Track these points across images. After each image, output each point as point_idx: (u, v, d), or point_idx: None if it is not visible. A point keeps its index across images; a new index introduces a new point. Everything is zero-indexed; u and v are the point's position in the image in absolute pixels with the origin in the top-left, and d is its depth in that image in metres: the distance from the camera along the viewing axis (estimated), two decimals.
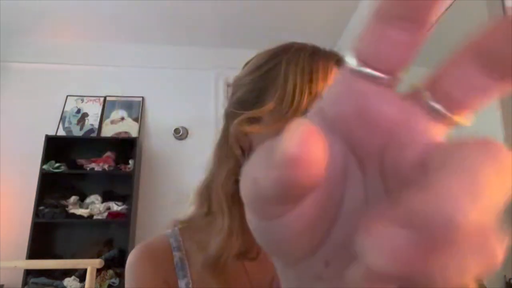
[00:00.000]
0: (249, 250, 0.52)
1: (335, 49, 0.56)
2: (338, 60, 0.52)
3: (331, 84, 0.16)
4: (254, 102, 0.52)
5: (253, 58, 0.58)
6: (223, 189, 0.53)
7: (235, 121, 0.53)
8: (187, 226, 0.60)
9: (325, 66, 0.49)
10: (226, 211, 0.52)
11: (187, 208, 0.60)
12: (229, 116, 0.56)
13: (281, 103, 0.49)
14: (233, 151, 0.54)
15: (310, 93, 0.47)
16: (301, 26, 2.84)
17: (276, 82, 0.50)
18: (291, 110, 0.48)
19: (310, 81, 0.48)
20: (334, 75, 0.50)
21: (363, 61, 0.14)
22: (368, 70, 0.14)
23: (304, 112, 0.48)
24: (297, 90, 0.48)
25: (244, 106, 0.53)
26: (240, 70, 0.59)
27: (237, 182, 0.52)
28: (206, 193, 0.58)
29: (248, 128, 0.52)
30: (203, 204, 0.58)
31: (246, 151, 0.54)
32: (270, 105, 0.50)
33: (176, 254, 0.57)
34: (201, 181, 0.59)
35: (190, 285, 0.54)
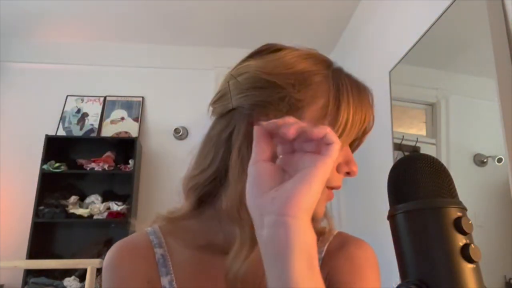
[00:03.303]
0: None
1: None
2: (371, 95, 0.56)
3: None
4: (285, 111, 0.50)
5: (276, 53, 0.55)
6: (241, 199, 0.47)
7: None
8: (168, 223, 0.58)
9: (371, 106, 0.54)
10: (242, 224, 0.49)
11: (177, 203, 0.58)
12: (246, 116, 0.51)
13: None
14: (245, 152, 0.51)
15: (360, 130, 0.52)
16: (301, 26, 2.84)
17: (318, 101, 0.50)
18: (341, 143, 0.49)
19: (363, 120, 0.52)
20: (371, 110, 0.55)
21: None
22: None
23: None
24: (349, 124, 0.50)
25: (271, 111, 0.50)
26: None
27: None
28: (197, 188, 0.56)
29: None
30: (192, 200, 0.56)
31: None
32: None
33: (158, 251, 0.55)
34: (189, 176, 0.57)
35: (174, 283, 0.53)
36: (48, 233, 2.79)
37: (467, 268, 0.30)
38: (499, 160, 1.24)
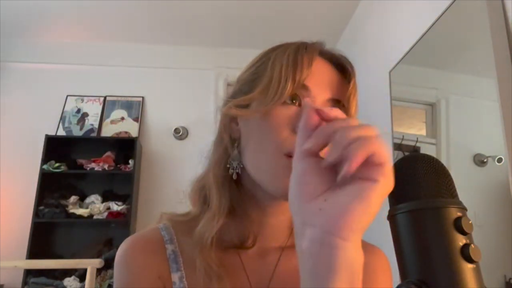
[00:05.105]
0: (244, 239, 0.55)
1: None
2: (321, 51, 0.55)
3: None
4: (245, 92, 0.55)
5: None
6: (213, 175, 0.55)
7: (224, 107, 0.57)
8: (179, 221, 0.60)
9: (309, 57, 0.52)
10: (215, 194, 0.54)
11: (185, 204, 0.61)
12: (222, 108, 0.59)
13: (267, 90, 0.51)
14: (222, 138, 0.57)
15: (293, 80, 0.50)
16: (301, 26, 2.84)
17: (264, 73, 0.54)
18: (276, 96, 0.50)
19: (294, 70, 0.51)
20: (317, 64, 0.54)
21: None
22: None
23: (288, 98, 0.51)
24: (282, 78, 0.51)
25: (235, 97, 0.57)
26: (241, 70, 0.61)
27: (226, 168, 0.55)
28: (202, 188, 0.58)
29: (235, 111, 0.54)
30: (200, 199, 0.58)
31: (236, 140, 0.56)
32: (257, 92, 0.53)
33: (169, 247, 0.56)
34: (197, 177, 0.60)
35: (184, 279, 0.53)
36: (48, 233, 2.79)
37: (467, 268, 0.30)
38: (499, 160, 1.24)
